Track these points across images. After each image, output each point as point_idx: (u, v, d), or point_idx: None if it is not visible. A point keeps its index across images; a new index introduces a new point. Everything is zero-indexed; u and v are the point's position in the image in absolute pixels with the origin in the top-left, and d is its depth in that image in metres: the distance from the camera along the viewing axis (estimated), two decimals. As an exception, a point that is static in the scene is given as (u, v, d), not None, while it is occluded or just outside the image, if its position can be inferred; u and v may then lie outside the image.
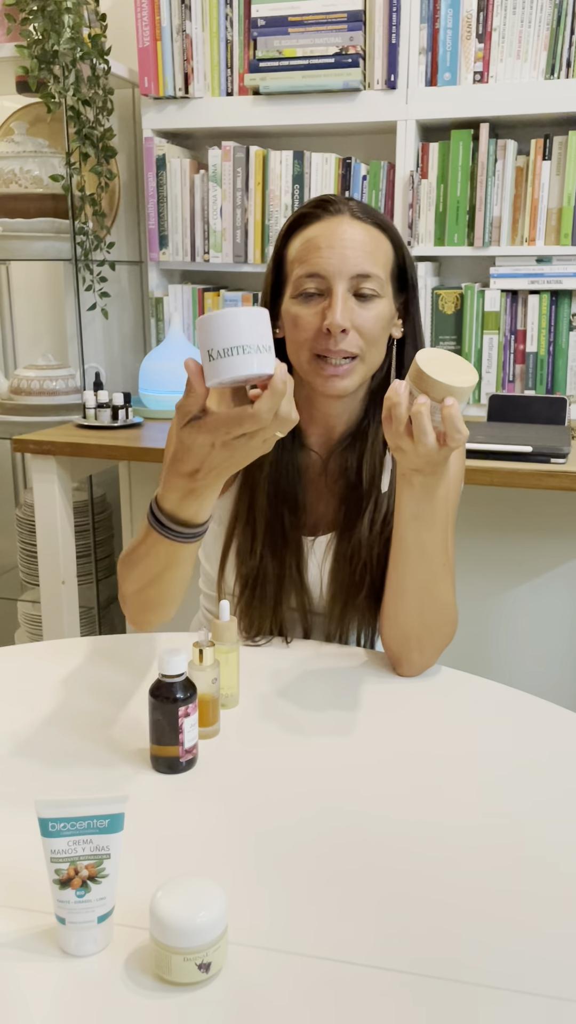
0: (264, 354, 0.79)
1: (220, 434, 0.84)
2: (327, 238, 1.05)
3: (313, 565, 1.17)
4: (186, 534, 0.95)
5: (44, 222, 2.13)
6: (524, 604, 2.25)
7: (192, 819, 0.80)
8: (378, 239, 1.08)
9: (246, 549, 1.15)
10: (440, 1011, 0.60)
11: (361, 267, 1.05)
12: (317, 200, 1.10)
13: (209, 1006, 0.60)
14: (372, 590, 1.14)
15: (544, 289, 2.03)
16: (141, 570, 1.02)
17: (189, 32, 2.10)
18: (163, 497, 0.94)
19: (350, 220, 1.07)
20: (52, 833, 0.63)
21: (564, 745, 0.93)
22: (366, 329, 1.06)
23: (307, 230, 1.08)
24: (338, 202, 1.08)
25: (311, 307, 1.06)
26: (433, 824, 0.79)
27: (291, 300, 1.08)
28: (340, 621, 1.17)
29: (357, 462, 1.15)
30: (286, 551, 1.15)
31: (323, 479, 1.18)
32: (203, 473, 0.89)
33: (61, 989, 0.61)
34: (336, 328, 1.03)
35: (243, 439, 0.85)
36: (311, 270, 1.05)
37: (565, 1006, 0.60)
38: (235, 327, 0.78)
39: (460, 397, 0.91)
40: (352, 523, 1.14)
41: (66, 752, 0.91)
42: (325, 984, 0.62)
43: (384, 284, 1.08)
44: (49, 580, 2.03)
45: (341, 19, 1.99)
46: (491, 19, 1.93)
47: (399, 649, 1.07)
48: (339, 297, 1.04)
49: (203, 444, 0.86)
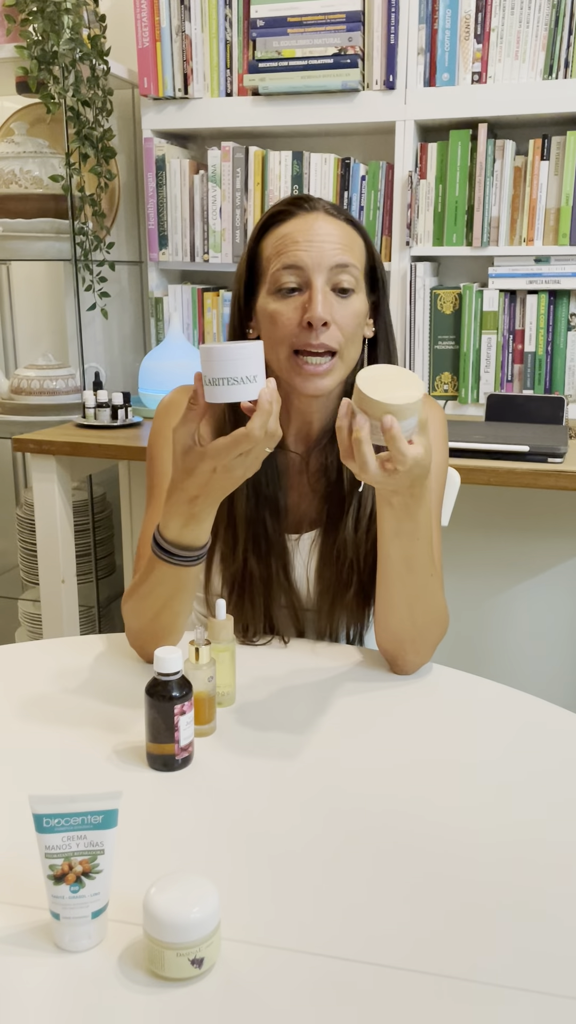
0: (254, 384, 0.89)
1: (220, 458, 0.91)
2: (304, 232, 1.06)
3: (299, 563, 1.17)
4: (191, 558, 1.00)
5: (44, 222, 2.14)
6: (522, 603, 2.26)
7: (187, 816, 0.81)
8: (352, 235, 1.09)
9: (228, 554, 1.16)
10: (436, 1008, 0.60)
11: (339, 258, 1.05)
12: (289, 199, 1.10)
13: (202, 1001, 0.60)
14: (360, 587, 1.15)
15: (542, 289, 2.04)
16: (151, 601, 1.04)
17: (188, 33, 2.11)
18: (165, 527, 0.99)
19: (324, 216, 1.07)
20: (46, 829, 0.63)
21: (562, 744, 0.93)
22: (344, 323, 1.06)
23: (282, 227, 1.08)
24: (311, 200, 1.09)
25: (290, 302, 1.06)
26: (429, 822, 0.80)
27: (268, 297, 1.08)
28: (329, 619, 1.17)
29: (337, 459, 1.15)
30: (270, 554, 1.15)
31: (304, 477, 1.18)
32: (203, 498, 0.95)
33: (55, 984, 0.62)
34: (317, 321, 1.03)
35: (240, 459, 0.91)
36: (289, 263, 1.05)
37: (567, 1004, 0.61)
38: (230, 360, 0.88)
39: (401, 415, 0.87)
40: (336, 521, 1.15)
41: (63, 749, 0.91)
42: (317, 980, 0.62)
43: (360, 278, 1.08)
44: (49, 579, 2.04)
45: (340, 20, 1.99)
46: (489, 20, 1.94)
47: (394, 651, 1.08)
48: (319, 290, 1.04)
49: (205, 470, 0.92)
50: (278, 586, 1.16)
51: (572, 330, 2.05)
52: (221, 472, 0.92)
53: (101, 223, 2.21)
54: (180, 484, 0.95)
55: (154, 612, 1.05)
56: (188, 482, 0.94)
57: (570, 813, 0.81)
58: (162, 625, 1.06)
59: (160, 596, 1.03)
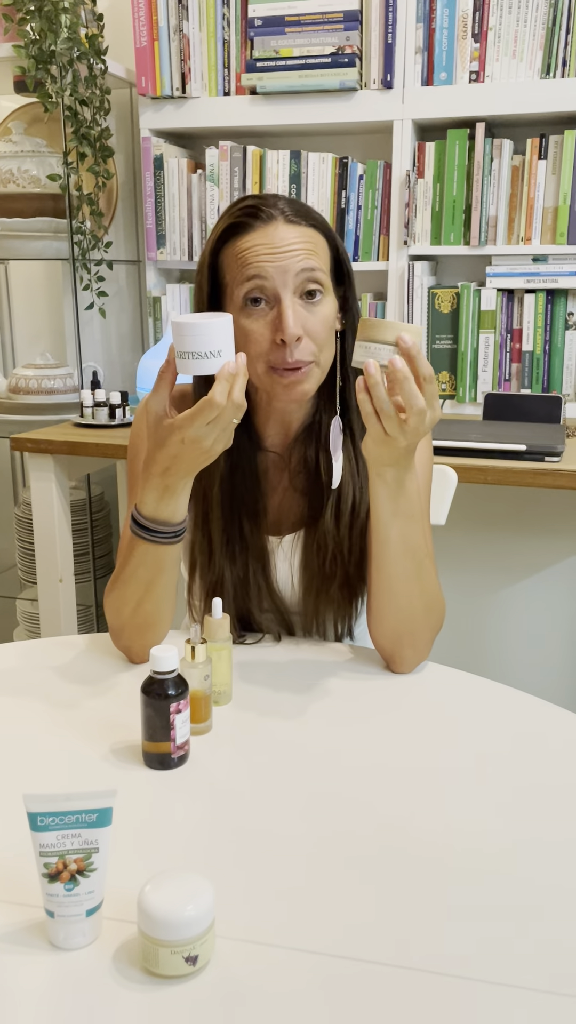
0: (215, 359, 0.93)
1: (187, 428, 0.94)
2: (266, 247, 1.02)
3: (283, 564, 1.17)
4: (168, 533, 1.02)
5: (42, 222, 2.14)
6: (519, 602, 2.26)
7: (183, 814, 0.81)
8: (315, 239, 1.05)
9: (204, 561, 1.16)
10: (432, 1006, 0.60)
11: (304, 263, 1.02)
12: (246, 207, 1.05)
13: (196, 999, 0.60)
14: (345, 580, 1.15)
15: (540, 288, 2.04)
16: (133, 587, 1.05)
17: (186, 32, 2.11)
18: (142, 503, 1.02)
19: (284, 225, 1.03)
20: (41, 827, 0.63)
21: (559, 743, 0.93)
22: (316, 333, 1.04)
23: (241, 241, 1.04)
24: (268, 207, 1.04)
25: (259, 320, 1.03)
26: (425, 820, 0.80)
27: (237, 313, 1.04)
28: (315, 613, 1.17)
29: (315, 453, 1.15)
30: (248, 556, 1.15)
31: (285, 476, 1.18)
32: (174, 469, 0.97)
33: (50, 982, 0.62)
34: (291, 338, 1.01)
35: (207, 428, 0.94)
36: (254, 276, 1.02)
37: (564, 1001, 0.61)
38: (197, 335, 0.92)
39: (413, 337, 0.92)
40: (317, 516, 1.15)
41: (59, 748, 0.91)
42: (312, 977, 0.62)
43: (326, 280, 1.06)
44: (47, 578, 2.04)
45: (337, 19, 1.99)
46: (487, 19, 1.94)
47: (392, 647, 1.08)
48: (288, 306, 1.02)
49: (175, 441, 0.95)
50: (257, 588, 1.16)
51: (570, 329, 2.05)
52: (190, 443, 0.94)
53: (99, 222, 2.22)
54: (153, 456, 0.98)
55: (136, 600, 1.05)
56: (160, 454, 0.97)
57: (567, 811, 0.81)
58: (145, 616, 1.06)
59: (141, 580, 1.04)
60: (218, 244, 1.07)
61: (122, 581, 1.06)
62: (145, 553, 1.03)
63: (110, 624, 1.10)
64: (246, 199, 1.07)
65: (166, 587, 1.06)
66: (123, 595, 1.06)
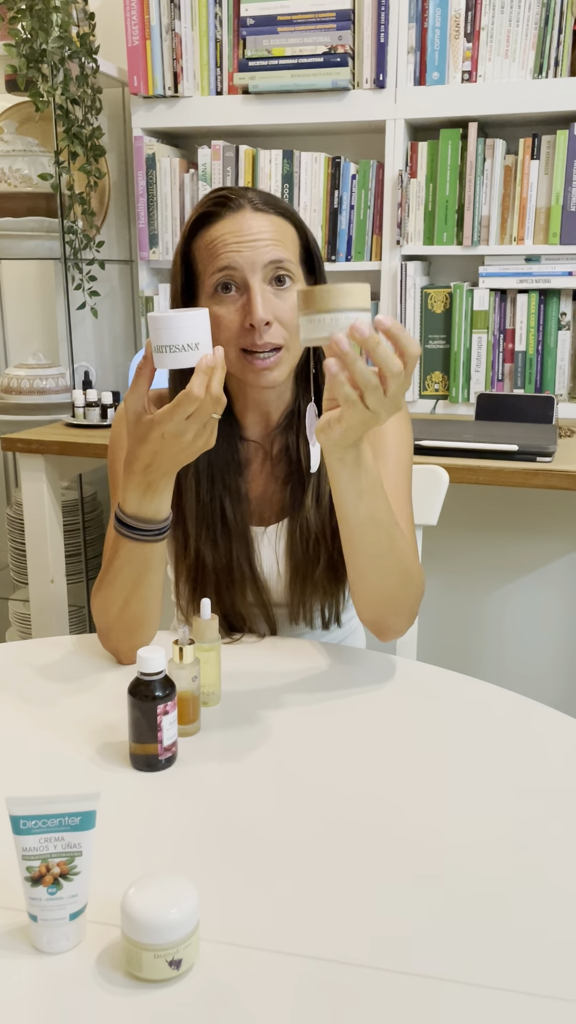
0: (193, 352, 0.93)
1: (166, 423, 0.93)
2: (234, 234, 1.05)
3: (268, 554, 1.18)
4: (152, 531, 1.02)
5: (33, 221, 2.13)
6: (511, 602, 2.26)
7: (169, 816, 0.80)
8: (283, 227, 1.08)
9: (180, 550, 1.17)
10: (419, 1009, 0.60)
11: (272, 254, 1.05)
12: (215, 198, 1.08)
13: (180, 1003, 0.60)
14: (329, 562, 1.15)
15: (533, 288, 2.04)
16: (119, 586, 1.05)
17: (178, 31, 2.10)
18: (125, 501, 1.01)
19: (252, 213, 1.06)
20: (23, 831, 0.63)
21: (551, 743, 0.93)
22: (286, 318, 1.06)
23: (211, 230, 1.07)
24: (237, 196, 1.07)
25: (230, 305, 1.06)
26: (413, 822, 0.80)
27: (208, 301, 1.08)
28: (301, 600, 1.17)
29: (296, 441, 1.16)
30: (231, 542, 1.15)
31: (267, 465, 1.19)
32: (156, 466, 0.97)
33: (32, 987, 0.61)
34: (260, 323, 1.04)
35: (187, 423, 0.93)
36: (224, 267, 1.05)
37: (555, 1005, 0.60)
38: (173, 328, 0.92)
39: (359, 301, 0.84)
40: (300, 502, 1.16)
41: (46, 750, 0.91)
42: (297, 981, 0.62)
43: (295, 269, 1.08)
44: (38, 579, 2.03)
45: (330, 18, 1.99)
46: (479, 18, 1.94)
47: (376, 618, 1.09)
48: (257, 291, 1.04)
49: (155, 436, 0.95)
50: (241, 577, 1.16)
51: (562, 329, 2.05)
52: (170, 437, 0.94)
53: (91, 222, 2.21)
54: (134, 452, 0.97)
55: (123, 600, 1.05)
56: (141, 450, 0.96)
57: (559, 812, 0.81)
58: (132, 616, 1.06)
59: (127, 579, 1.04)
60: (190, 234, 1.10)
61: (108, 581, 1.06)
62: (130, 552, 1.03)
63: (98, 625, 1.10)
64: (217, 190, 1.10)
65: (152, 586, 1.06)
66: (109, 595, 1.06)
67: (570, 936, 0.66)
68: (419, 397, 2.18)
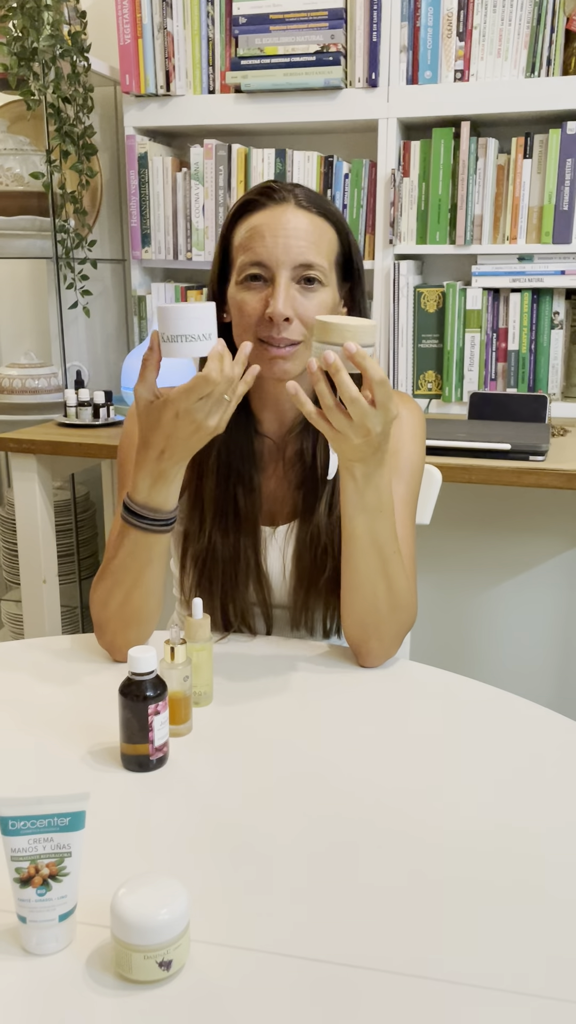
0: (205, 341, 0.95)
1: (180, 402, 0.94)
2: (271, 227, 1.06)
3: (275, 554, 1.17)
4: (159, 521, 1.02)
5: (25, 220, 2.13)
6: (504, 601, 2.26)
7: (160, 817, 0.80)
8: (322, 228, 1.09)
9: (195, 531, 1.17)
10: (409, 1010, 0.60)
11: (304, 257, 1.06)
12: (262, 187, 1.10)
13: (170, 1004, 0.60)
14: (333, 574, 1.15)
15: (526, 287, 2.04)
16: (121, 577, 1.05)
17: (170, 30, 2.10)
18: (135, 489, 1.02)
19: (294, 209, 1.07)
20: (12, 831, 0.62)
21: (545, 743, 0.93)
22: (308, 318, 1.07)
23: (252, 218, 1.08)
24: (283, 190, 1.08)
25: (255, 293, 1.07)
26: (407, 822, 0.79)
27: (236, 286, 1.09)
28: (305, 608, 1.17)
29: (312, 446, 1.16)
30: (240, 534, 1.15)
31: (280, 466, 1.19)
32: (169, 451, 0.97)
33: (22, 988, 0.61)
34: (279, 317, 1.04)
35: (201, 404, 0.94)
36: (255, 258, 1.06)
37: (551, 1005, 0.60)
38: (185, 319, 0.94)
39: (361, 337, 0.91)
40: (311, 509, 1.15)
41: (36, 750, 0.90)
42: (288, 982, 0.62)
43: (328, 273, 1.08)
44: (30, 579, 2.02)
45: (322, 17, 1.99)
46: (471, 17, 1.94)
47: (359, 638, 1.08)
48: (282, 286, 1.05)
49: (168, 417, 0.95)
50: (246, 572, 1.16)
51: (555, 328, 2.05)
52: (184, 418, 0.95)
53: (83, 221, 2.20)
54: (147, 439, 0.98)
55: (124, 592, 1.05)
56: (154, 435, 0.97)
57: (552, 812, 0.81)
58: (131, 610, 1.06)
59: (130, 570, 1.04)
60: (233, 218, 1.12)
61: (110, 572, 1.06)
62: (136, 542, 1.03)
63: (95, 618, 1.09)
64: (266, 182, 1.11)
65: (154, 580, 1.06)
66: (111, 586, 1.06)
67: (570, 936, 0.66)
68: (413, 396, 2.17)
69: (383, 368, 2.14)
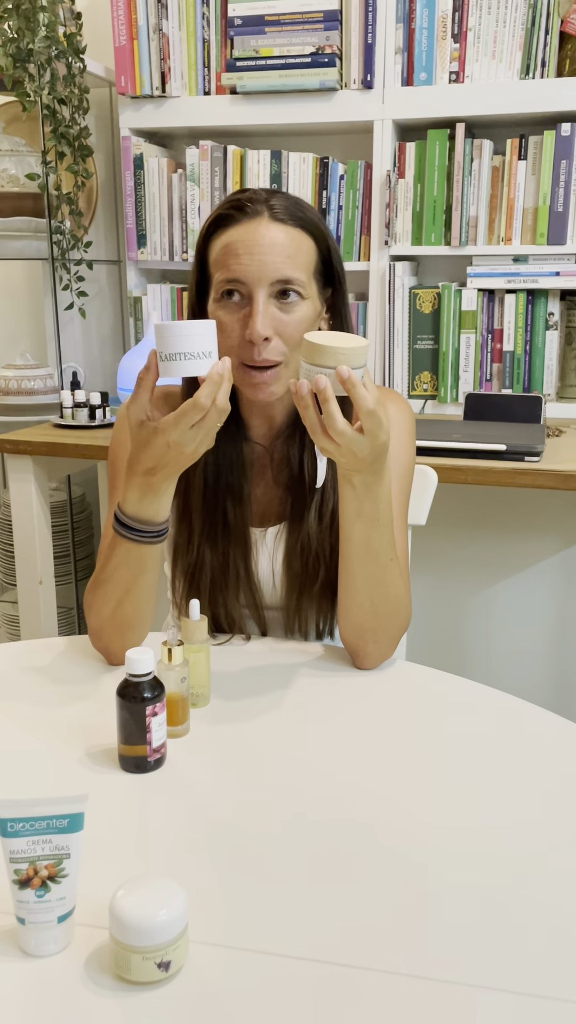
0: (205, 359, 0.92)
1: (171, 430, 0.93)
2: (245, 244, 1.03)
3: (264, 557, 1.17)
4: (151, 533, 1.01)
5: (21, 221, 2.13)
6: (499, 601, 2.26)
7: (158, 818, 0.80)
8: (298, 239, 1.05)
9: (183, 543, 1.16)
10: (407, 1009, 0.60)
11: (280, 272, 1.03)
12: (235, 200, 1.07)
13: (169, 1005, 0.60)
14: (327, 580, 1.15)
15: (520, 288, 2.04)
16: (113, 586, 1.04)
17: (166, 31, 2.10)
18: (125, 501, 1.00)
19: (268, 223, 1.04)
20: (11, 833, 0.62)
21: (539, 742, 0.93)
22: (288, 334, 1.05)
23: (225, 234, 1.06)
24: (256, 202, 1.05)
25: (233, 313, 1.05)
26: (402, 823, 0.80)
27: (215, 303, 1.07)
28: (298, 612, 1.17)
29: (299, 452, 1.15)
30: (229, 543, 1.15)
31: (269, 470, 1.19)
32: (159, 470, 0.96)
33: (21, 990, 0.61)
34: (258, 338, 1.02)
35: (192, 432, 0.92)
36: (230, 276, 1.04)
37: (545, 1004, 0.60)
38: (184, 336, 0.91)
39: (351, 360, 0.90)
40: (300, 514, 1.15)
41: (34, 751, 0.90)
42: (286, 982, 0.62)
43: (307, 285, 1.06)
44: (26, 580, 2.02)
45: (317, 19, 1.99)
46: (466, 19, 1.94)
47: (355, 642, 1.08)
48: (259, 305, 1.02)
49: (159, 444, 0.94)
50: (235, 576, 1.15)
51: (550, 329, 2.06)
52: (174, 446, 0.94)
53: (78, 222, 2.20)
54: (137, 457, 0.97)
55: (117, 600, 1.05)
56: (144, 455, 0.96)
57: (545, 812, 0.81)
58: (124, 617, 1.06)
59: (122, 579, 1.04)
60: (207, 233, 1.09)
61: (103, 580, 1.05)
62: (127, 553, 1.02)
63: (89, 624, 1.09)
64: (238, 192, 1.08)
65: (147, 587, 1.05)
66: (104, 595, 1.06)
67: (569, 936, 0.66)
68: (408, 397, 2.18)
69: (382, 365, 2.14)
